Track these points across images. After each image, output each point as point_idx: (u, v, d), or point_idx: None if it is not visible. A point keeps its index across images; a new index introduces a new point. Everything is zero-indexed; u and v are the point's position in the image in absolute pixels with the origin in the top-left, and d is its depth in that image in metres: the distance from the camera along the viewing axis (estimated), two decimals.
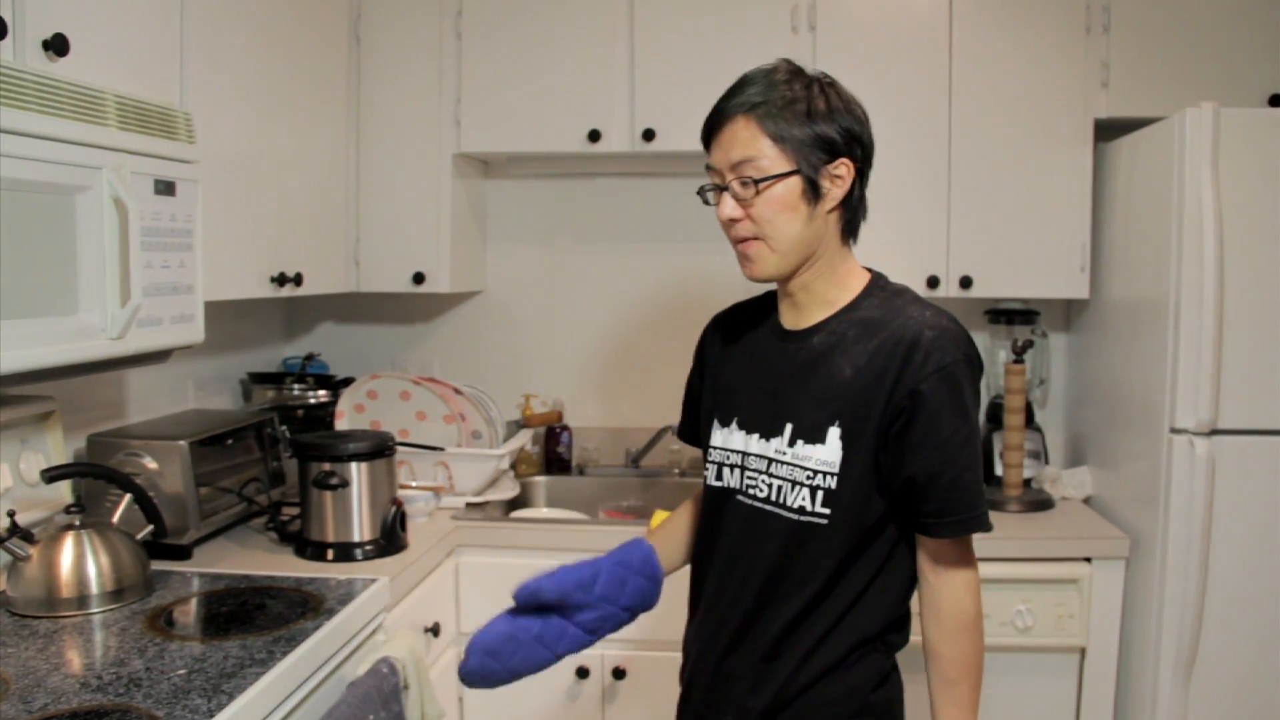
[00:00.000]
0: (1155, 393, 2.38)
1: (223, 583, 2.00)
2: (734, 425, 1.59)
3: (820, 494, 1.48)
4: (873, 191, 1.54)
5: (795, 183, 1.45)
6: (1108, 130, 2.76)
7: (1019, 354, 2.73)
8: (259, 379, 2.93)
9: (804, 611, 1.50)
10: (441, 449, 2.64)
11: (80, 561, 1.85)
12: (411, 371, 3.01)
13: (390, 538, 2.25)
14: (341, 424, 2.72)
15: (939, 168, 2.73)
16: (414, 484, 2.60)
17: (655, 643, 2.47)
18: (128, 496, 2.01)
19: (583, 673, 2.49)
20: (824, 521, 1.48)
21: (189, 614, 1.84)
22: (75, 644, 1.69)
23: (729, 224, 1.49)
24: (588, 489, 3.08)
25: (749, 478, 1.55)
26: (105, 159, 1.67)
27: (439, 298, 3.20)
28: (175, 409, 2.60)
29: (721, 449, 1.60)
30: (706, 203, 1.53)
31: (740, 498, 1.56)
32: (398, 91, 2.84)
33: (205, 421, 2.40)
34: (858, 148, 1.48)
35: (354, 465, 2.22)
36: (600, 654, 2.48)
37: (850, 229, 1.53)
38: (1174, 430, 2.32)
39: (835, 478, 1.47)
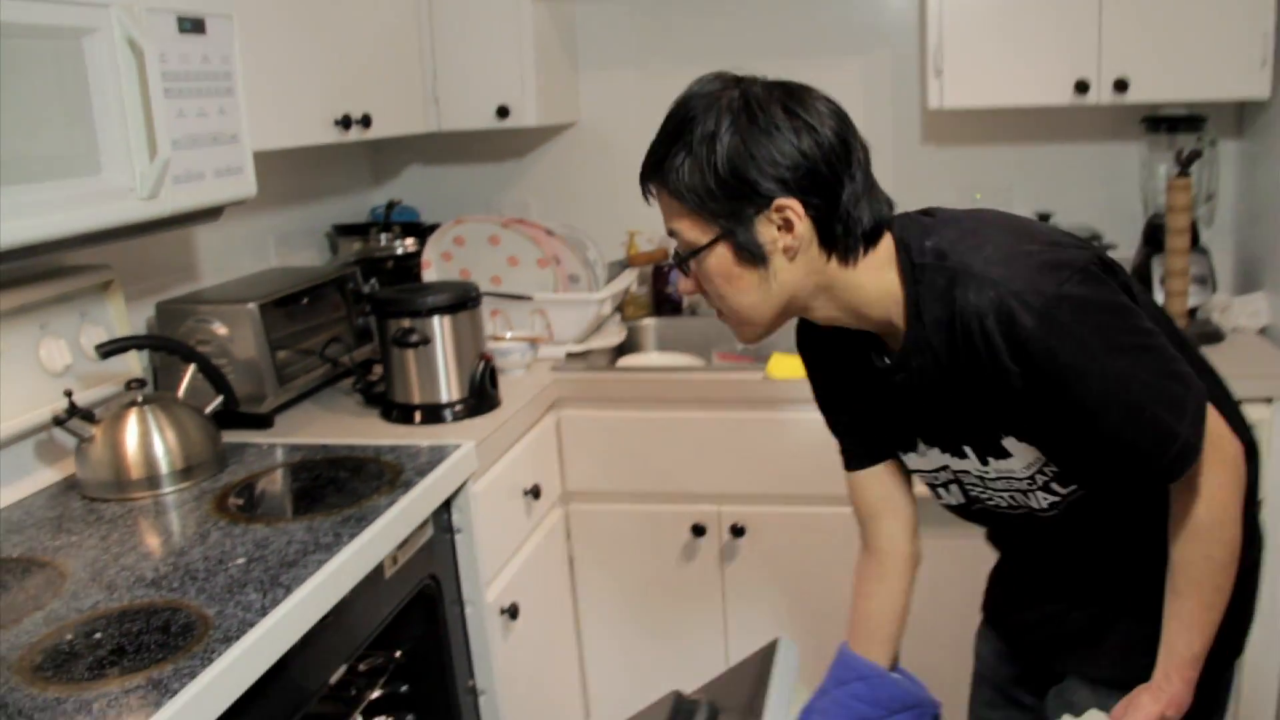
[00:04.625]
0: None
1: (299, 454, 1.87)
2: (920, 445, 1.36)
3: (1054, 482, 1.27)
4: None
5: (724, 251, 1.19)
6: None
7: (1183, 166, 2.35)
8: (344, 231, 2.77)
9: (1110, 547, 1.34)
10: (530, 297, 2.45)
11: (146, 440, 1.73)
12: (506, 214, 2.80)
13: (480, 396, 2.08)
14: (429, 274, 2.55)
15: None
16: (509, 335, 2.42)
17: (776, 497, 2.28)
18: (191, 367, 1.87)
19: (699, 530, 2.32)
20: (1081, 491, 1.28)
21: (258, 492, 1.71)
22: (138, 531, 1.57)
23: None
24: (701, 330, 2.86)
25: (973, 492, 1.36)
26: None
27: (529, 133, 2.96)
28: (256, 269, 2.46)
29: (923, 471, 1.40)
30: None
31: (979, 507, 1.38)
32: None
33: (282, 280, 2.24)
34: (807, 176, 1.15)
35: (435, 320, 2.04)
36: (717, 510, 2.30)
37: (845, 254, 1.20)
38: None
39: (1049, 465, 1.25)
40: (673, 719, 1.47)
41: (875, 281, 1.22)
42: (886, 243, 1.22)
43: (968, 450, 1.29)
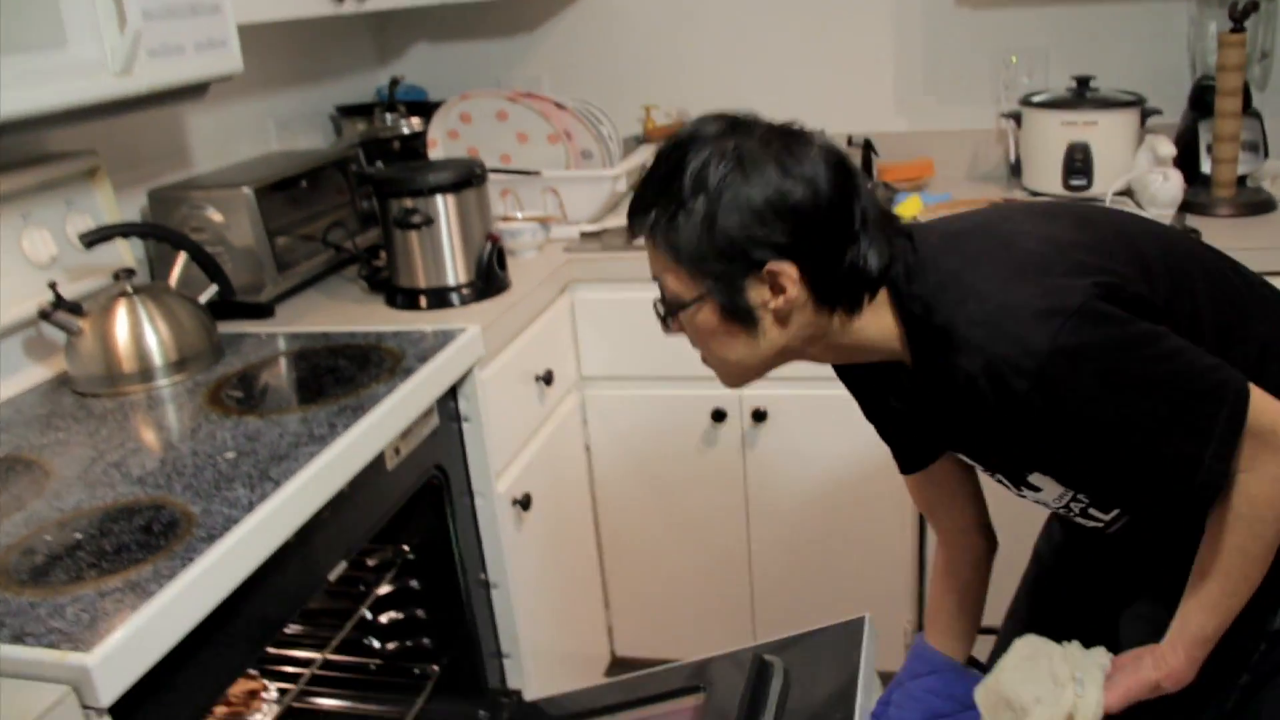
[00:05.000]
0: None
1: (298, 343, 1.79)
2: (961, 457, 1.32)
3: (1092, 508, 1.22)
4: None
5: (710, 310, 1.12)
6: None
7: (1238, 21, 2.18)
8: (348, 112, 2.65)
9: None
10: (539, 173, 2.34)
11: (137, 331, 1.65)
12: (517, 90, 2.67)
13: (488, 278, 1.99)
14: (435, 153, 2.44)
15: None
16: (519, 216, 2.32)
17: (799, 380, 2.18)
18: (183, 255, 1.79)
19: (719, 415, 2.24)
20: (1127, 517, 1.23)
21: (253, 384, 1.64)
22: (127, 426, 1.51)
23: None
24: None
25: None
26: None
27: (540, 4, 2.82)
28: (255, 154, 2.36)
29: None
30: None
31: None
32: None
33: (280, 164, 2.15)
34: (803, 237, 1.06)
35: (438, 199, 1.94)
36: (738, 395, 2.22)
37: (849, 310, 1.13)
38: None
39: (1086, 493, 1.20)
40: (752, 681, 1.49)
41: (876, 325, 1.16)
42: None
43: (1001, 479, 1.25)
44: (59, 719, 0.95)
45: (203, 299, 1.78)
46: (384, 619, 1.84)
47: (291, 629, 1.85)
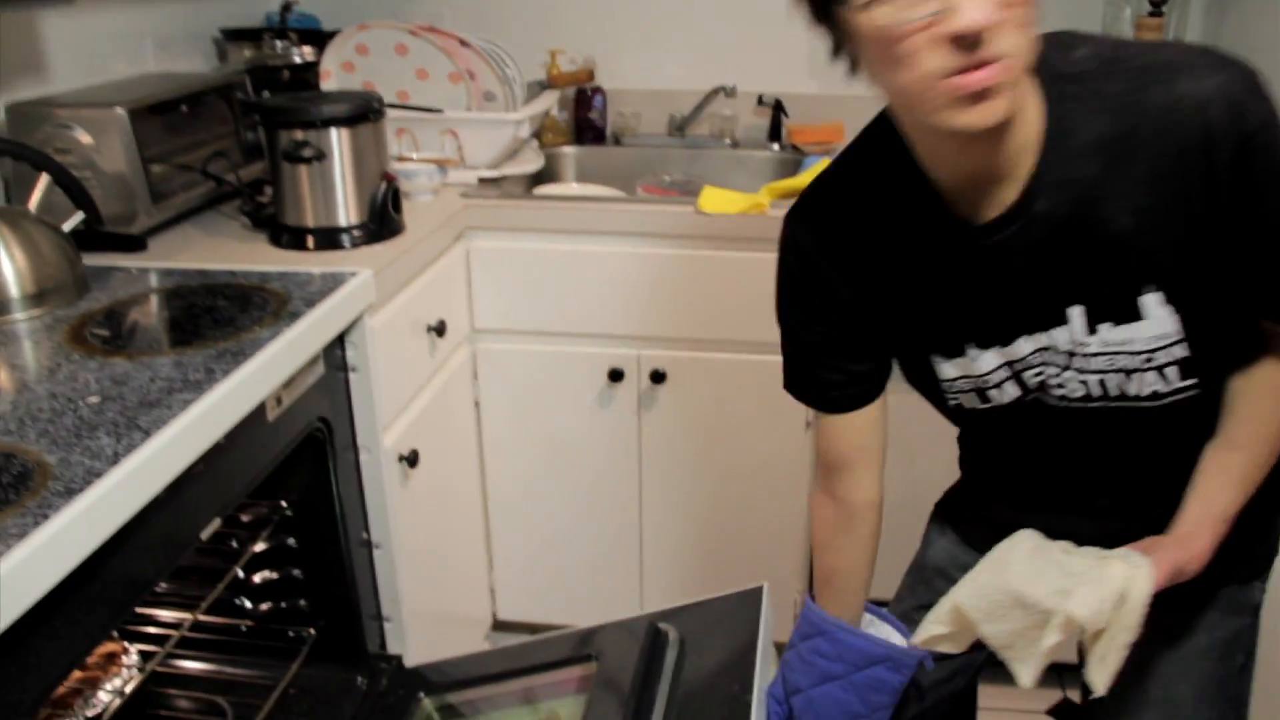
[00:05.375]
0: None
1: (173, 280, 1.66)
2: (971, 349, 1.16)
3: (1173, 369, 1.08)
4: None
5: None
6: None
7: (1156, 5, 2.18)
8: (234, 36, 2.48)
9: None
10: (440, 110, 2.22)
11: None
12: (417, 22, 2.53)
13: (382, 221, 1.87)
14: (328, 85, 2.30)
15: None
16: (415, 156, 2.20)
17: (699, 342, 2.13)
18: (45, 178, 1.63)
19: (616, 375, 2.16)
20: (1195, 391, 1.10)
21: (122, 322, 1.50)
22: None
23: (971, 41, 0.90)
24: (625, 161, 2.66)
25: (1046, 376, 1.14)
26: None
27: None
28: (131, 73, 2.18)
29: (969, 377, 1.19)
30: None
31: (1035, 400, 1.17)
32: None
33: (158, 86, 1.98)
34: None
35: (332, 132, 1.81)
36: (636, 354, 2.15)
37: None
38: None
39: (1184, 344, 1.06)
40: (646, 650, 1.43)
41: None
42: None
43: (1074, 315, 1.09)
44: None
45: (66, 227, 1.63)
46: (258, 579, 1.73)
47: (158, 586, 1.73)
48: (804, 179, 2.12)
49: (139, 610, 1.73)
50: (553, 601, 2.42)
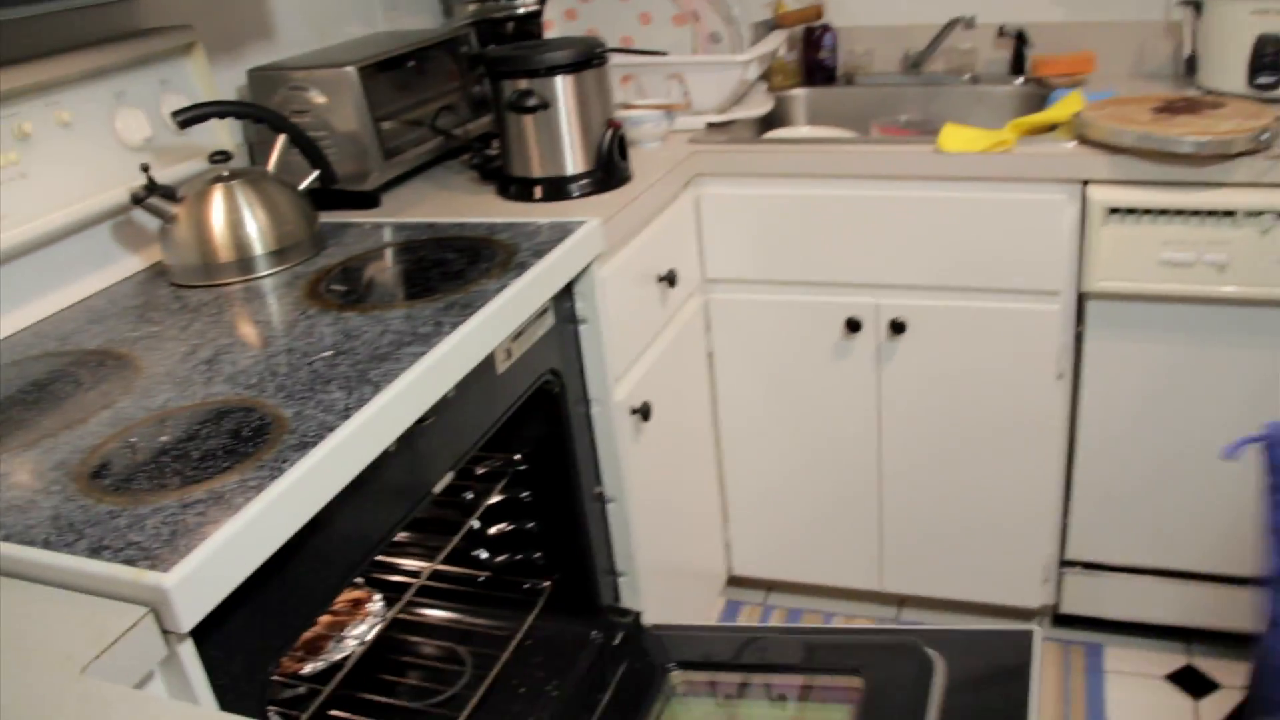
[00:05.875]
0: None
1: (404, 234, 1.67)
2: None
3: None
4: None
5: None
6: None
7: None
8: None
9: None
10: (664, 53, 2.16)
11: (234, 218, 1.54)
12: None
13: (608, 168, 1.83)
14: (552, 34, 2.27)
15: None
16: (641, 103, 2.15)
17: (940, 290, 2.00)
18: (282, 138, 1.67)
19: (854, 325, 2.06)
20: None
21: (355, 277, 1.51)
22: (221, 320, 1.40)
23: None
24: (857, 102, 2.53)
25: None
26: None
27: None
28: (361, 33, 2.22)
29: None
30: None
31: None
32: None
33: (386, 43, 2.00)
34: None
35: (556, 80, 1.78)
36: (874, 303, 2.04)
37: None
38: None
39: None
40: (916, 677, 1.49)
41: None
42: None
43: None
44: (137, 643, 0.85)
45: (303, 186, 1.66)
46: (493, 531, 1.74)
47: (398, 537, 1.76)
48: (1052, 114, 1.95)
49: (382, 559, 1.77)
50: (788, 559, 2.35)
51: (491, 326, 1.32)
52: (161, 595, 0.85)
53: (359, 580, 1.68)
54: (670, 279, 1.91)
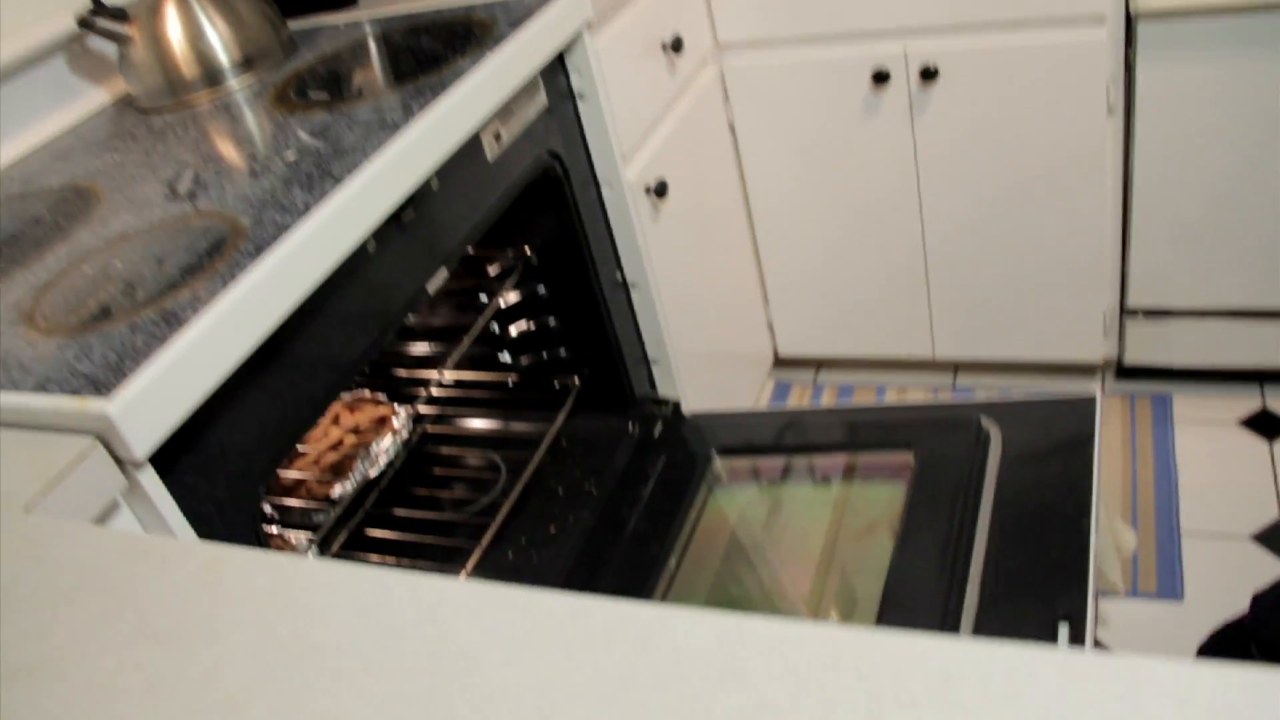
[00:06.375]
0: None
1: (378, 28, 1.54)
2: None
3: None
4: None
5: None
6: None
7: None
8: None
9: None
10: None
11: (192, 31, 1.43)
12: None
13: None
14: None
15: None
16: None
17: (973, 27, 1.83)
18: None
19: (881, 77, 1.90)
20: None
21: (326, 76, 1.40)
22: (185, 138, 1.30)
23: None
24: None
25: None
26: None
27: None
28: None
29: None
30: None
31: None
32: None
33: None
34: None
35: None
36: (902, 50, 1.87)
37: None
38: None
39: None
40: (971, 450, 1.42)
41: None
42: None
43: None
44: (88, 476, 0.79)
45: None
46: (514, 331, 1.66)
47: (419, 350, 1.70)
48: None
49: (407, 374, 1.71)
50: (834, 334, 2.26)
51: (466, 107, 1.21)
52: (107, 423, 0.79)
53: (381, 396, 1.63)
54: (676, 45, 1.76)
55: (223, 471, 0.92)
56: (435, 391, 1.74)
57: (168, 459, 0.86)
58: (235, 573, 0.61)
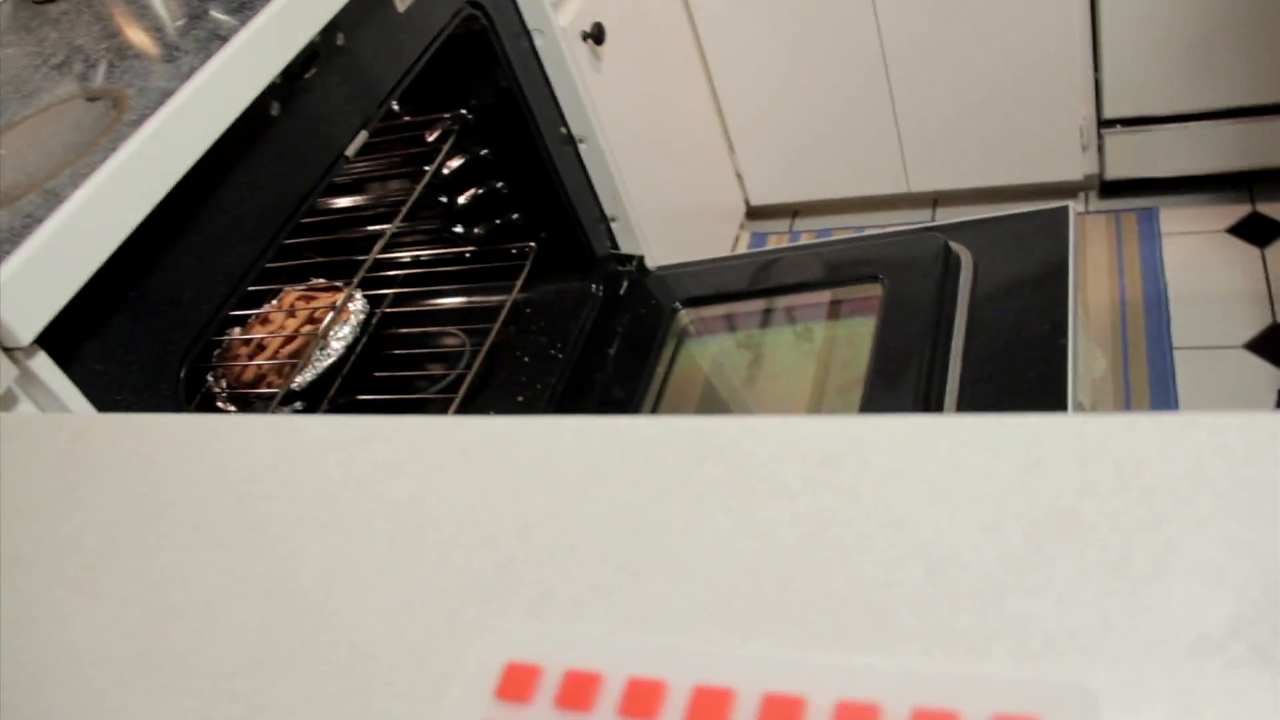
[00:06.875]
0: None
1: None
2: None
3: None
4: None
5: None
6: None
7: None
8: None
9: None
10: None
11: None
12: None
13: None
14: None
15: None
16: None
17: None
18: None
19: None
20: None
21: None
22: (80, 21, 1.23)
23: None
24: None
25: None
26: None
27: None
28: None
29: None
30: None
31: None
32: None
33: None
34: None
35: None
36: None
37: None
38: None
39: None
40: (940, 274, 1.36)
41: None
42: None
43: None
44: None
45: None
46: (463, 199, 1.60)
47: (373, 231, 1.64)
48: None
49: (361, 258, 1.66)
50: (805, 178, 2.19)
51: None
52: None
53: (337, 282, 1.57)
54: None
55: (135, 355, 0.88)
56: (394, 273, 1.69)
57: (68, 345, 0.81)
58: (101, 439, 0.57)
